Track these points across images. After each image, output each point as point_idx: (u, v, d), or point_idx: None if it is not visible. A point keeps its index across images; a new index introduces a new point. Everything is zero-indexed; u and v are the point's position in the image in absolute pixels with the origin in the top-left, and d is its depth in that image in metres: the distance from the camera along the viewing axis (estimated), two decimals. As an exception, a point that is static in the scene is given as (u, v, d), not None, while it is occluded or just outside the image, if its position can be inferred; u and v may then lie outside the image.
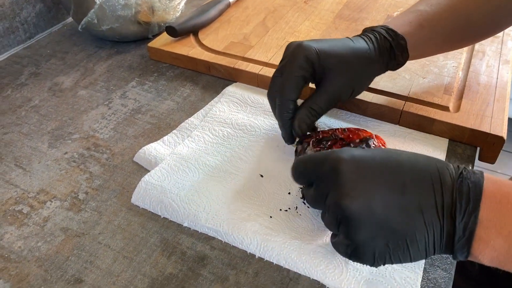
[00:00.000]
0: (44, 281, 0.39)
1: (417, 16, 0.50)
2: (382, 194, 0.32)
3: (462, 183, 0.32)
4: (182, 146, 0.51)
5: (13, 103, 0.61)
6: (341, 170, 0.33)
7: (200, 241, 0.42)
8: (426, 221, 0.32)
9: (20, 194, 0.47)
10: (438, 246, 0.32)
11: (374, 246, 0.32)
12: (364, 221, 0.32)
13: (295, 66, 0.45)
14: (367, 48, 0.47)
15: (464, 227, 0.31)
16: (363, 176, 0.33)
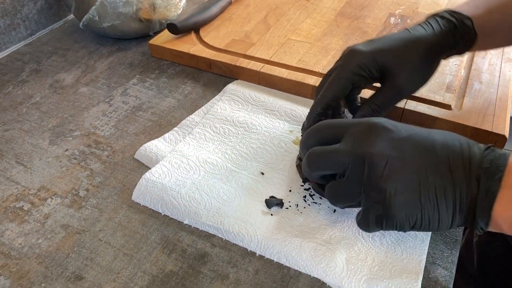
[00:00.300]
0: (45, 278, 0.39)
1: (485, 1, 0.48)
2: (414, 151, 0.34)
3: (489, 153, 0.34)
4: (183, 144, 0.51)
5: (14, 100, 0.60)
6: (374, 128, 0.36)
7: (200, 238, 0.42)
8: (455, 179, 0.33)
9: (20, 191, 0.47)
10: (463, 209, 0.33)
11: (406, 197, 0.33)
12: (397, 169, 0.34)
13: (346, 69, 0.44)
14: (425, 33, 0.45)
15: (487, 189, 0.32)
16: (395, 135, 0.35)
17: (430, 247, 0.41)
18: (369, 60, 0.44)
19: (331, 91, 0.45)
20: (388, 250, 0.40)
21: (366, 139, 0.35)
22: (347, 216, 0.43)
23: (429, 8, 0.75)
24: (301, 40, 0.67)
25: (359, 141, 0.36)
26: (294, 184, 0.46)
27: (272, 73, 0.59)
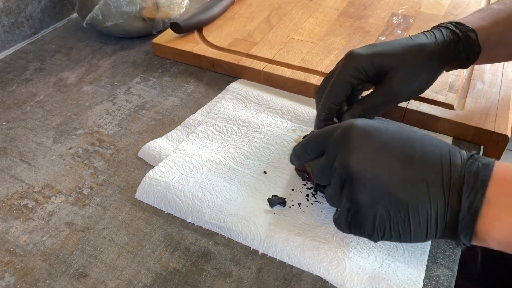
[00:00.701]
0: (49, 275, 0.40)
1: (491, 12, 0.48)
2: (389, 162, 0.33)
3: (472, 163, 0.32)
4: (186, 142, 0.51)
5: (18, 98, 0.61)
6: (351, 134, 0.35)
7: (203, 236, 0.42)
8: (431, 194, 0.32)
9: (25, 188, 0.48)
10: (441, 223, 0.32)
11: (375, 211, 0.33)
12: (368, 181, 0.33)
13: (344, 73, 0.45)
14: (427, 42, 0.45)
15: (470, 204, 0.31)
16: (372, 143, 0.34)
17: (432, 246, 0.41)
18: (367, 63, 0.44)
19: (332, 96, 0.45)
20: (390, 248, 0.40)
21: (343, 150, 0.35)
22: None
23: (431, 8, 0.75)
24: (304, 39, 0.67)
25: (338, 153, 0.35)
26: (296, 183, 0.46)
27: (275, 72, 0.60)
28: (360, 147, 0.34)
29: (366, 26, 0.70)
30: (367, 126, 0.35)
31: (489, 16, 0.47)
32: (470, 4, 0.76)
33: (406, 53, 0.44)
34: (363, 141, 0.34)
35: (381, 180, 0.33)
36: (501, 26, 0.47)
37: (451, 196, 0.32)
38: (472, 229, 0.32)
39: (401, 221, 0.33)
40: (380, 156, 0.33)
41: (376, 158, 0.33)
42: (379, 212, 0.33)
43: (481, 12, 0.49)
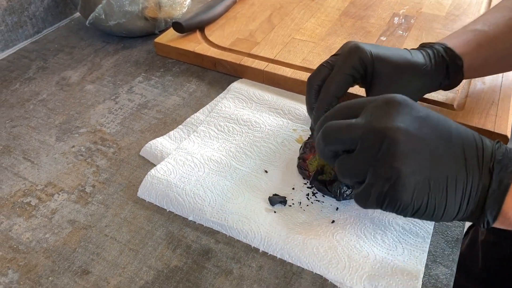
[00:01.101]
0: (52, 272, 0.40)
1: (475, 35, 0.49)
2: (432, 133, 0.33)
3: (500, 146, 0.34)
4: (188, 141, 0.52)
5: (21, 97, 0.61)
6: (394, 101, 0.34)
7: (205, 234, 0.43)
8: (468, 169, 0.33)
9: (28, 186, 0.48)
10: (472, 200, 0.33)
11: (417, 179, 0.32)
12: (413, 148, 0.32)
13: (348, 64, 0.44)
14: (423, 62, 0.46)
15: (501, 180, 0.33)
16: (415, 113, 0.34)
17: (431, 245, 0.41)
18: (369, 59, 0.44)
19: (334, 87, 0.44)
20: (389, 247, 0.41)
21: (384, 113, 0.33)
22: (350, 213, 0.43)
23: (433, 8, 0.75)
24: (305, 39, 0.67)
25: (376, 115, 0.34)
26: (297, 182, 0.47)
27: (276, 72, 0.60)
28: (404, 114, 0.33)
29: (367, 26, 0.70)
30: (406, 99, 0.35)
31: (474, 40, 0.49)
32: (472, 5, 0.76)
33: (404, 66, 0.45)
34: (407, 110, 0.33)
35: (425, 149, 0.33)
36: (485, 49, 0.49)
37: (484, 172, 0.33)
38: (501, 205, 0.33)
39: (439, 194, 0.33)
40: (424, 126, 0.33)
41: (420, 127, 0.33)
42: (420, 182, 0.32)
43: (466, 34, 0.50)
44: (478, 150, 0.34)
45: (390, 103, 0.34)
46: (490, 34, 0.49)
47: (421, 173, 0.32)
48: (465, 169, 0.33)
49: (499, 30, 0.49)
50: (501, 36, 0.49)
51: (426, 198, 0.33)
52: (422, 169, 0.32)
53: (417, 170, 0.32)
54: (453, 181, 0.33)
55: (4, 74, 0.66)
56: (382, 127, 0.32)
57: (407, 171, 0.32)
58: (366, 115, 0.34)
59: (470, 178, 0.33)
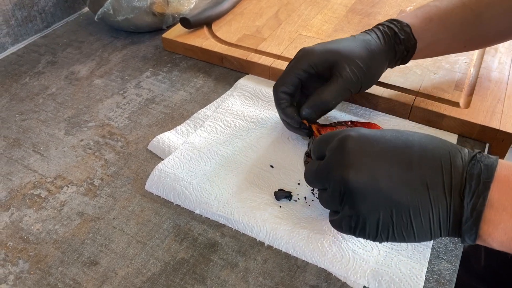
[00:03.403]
0: (61, 262, 0.41)
1: (426, 10, 0.51)
2: (388, 168, 0.33)
3: (474, 165, 0.32)
4: (195, 136, 0.52)
5: (31, 91, 0.62)
6: (347, 145, 0.34)
7: (211, 228, 0.43)
8: (432, 197, 0.32)
9: (38, 178, 0.49)
10: (444, 226, 0.32)
11: (378, 216, 0.33)
12: (368, 191, 0.33)
13: (294, 65, 0.48)
14: (369, 38, 0.49)
15: (472, 208, 0.31)
16: (369, 152, 0.34)
17: (435, 241, 0.42)
18: (318, 58, 0.47)
19: (280, 84, 0.48)
20: (393, 243, 0.41)
21: (338, 159, 0.35)
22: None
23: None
24: (312, 36, 0.68)
25: (332, 160, 0.35)
26: (302, 177, 0.47)
27: (282, 68, 0.60)
28: (356, 159, 0.34)
29: (374, 23, 0.70)
30: (362, 134, 0.35)
31: (423, 13, 0.51)
32: (479, 2, 0.76)
33: (353, 49, 0.48)
34: (359, 151, 0.34)
35: (381, 187, 0.33)
36: (434, 23, 0.50)
37: (453, 199, 0.32)
38: (476, 232, 0.32)
39: (404, 225, 0.33)
40: (378, 164, 0.33)
41: (374, 167, 0.33)
42: (381, 218, 0.33)
43: (417, 10, 0.52)
44: (445, 175, 0.32)
45: (343, 145, 0.35)
46: (442, 8, 0.51)
47: (381, 209, 0.33)
48: (428, 200, 0.32)
49: (451, 5, 0.51)
50: (453, 10, 0.50)
51: (391, 229, 0.33)
52: (381, 206, 0.33)
53: (376, 207, 0.33)
54: (416, 211, 0.32)
55: (14, 68, 0.67)
56: (337, 175, 0.34)
57: (365, 210, 0.33)
58: (328, 157, 0.36)
59: (436, 206, 0.32)
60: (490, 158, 0.32)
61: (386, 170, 0.33)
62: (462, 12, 0.50)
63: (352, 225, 0.35)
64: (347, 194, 0.34)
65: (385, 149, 0.34)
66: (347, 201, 0.34)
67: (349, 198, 0.34)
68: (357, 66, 0.47)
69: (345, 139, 0.35)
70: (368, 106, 0.57)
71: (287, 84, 0.48)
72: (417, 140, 0.34)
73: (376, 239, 0.34)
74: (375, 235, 0.34)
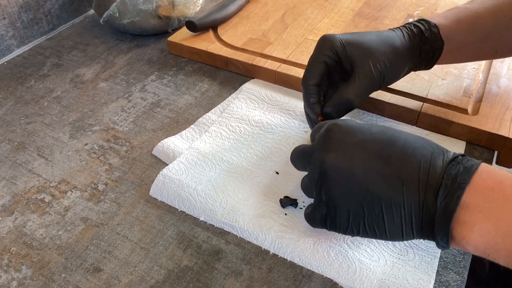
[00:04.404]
0: (65, 269, 0.41)
1: (456, 12, 0.49)
2: (366, 159, 0.34)
3: (453, 166, 0.32)
4: (200, 141, 0.52)
5: (36, 94, 0.62)
6: (332, 131, 0.36)
7: (215, 235, 0.43)
8: (405, 193, 0.32)
9: (42, 183, 0.49)
10: (416, 224, 0.32)
11: (349, 205, 0.34)
12: (343, 176, 0.34)
13: (318, 53, 0.47)
14: (394, 35, 0.47)
15: (445, 207, 0.31)
16: (351, 141, 0.35)
17: (442, 251, 0.41)
18: (341, 46, 0.46)
19: (309, 77, 0.47)
20: (400, 252, 0.40)
21: (322, 143, 0.36)
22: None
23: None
24: (318, 40, 0.67)
25: (318, 144, 0.37)
26: (308, 184, 0.47)
27: (288, 72, 0.60)
28: (337, 144, 0.35)
29: (381, 27, 0.70)
30: (348, 125, 0.36)
31: (453, 15, 0.49)
32: (488, 7, 0.75)
33: (375, 44, 0.46)
34: (342, 138, 0.35)
35: (355, 175, 0.33)
36: (464, 24, 0.48)
37: (427, 197, 0.32)
38: (448, 231, 0.31)
39: (375, 218, 0.33)
40: (356, 153, 0.34)
41: (352, 155, 0.34)
42: (353, 208, 0.34)
43: (447, 11, 0.50)
44: (421, 173, 0.32)
45: (329, 131, 0.36)
46: (473, 10, 0.49)
47: (353, 199, 0.33)
48: (401, 194, 0.32)
49: (483, 8, 0.49)
50: (483, 14, 0.49)
51: (362, 222, 0.34)
52: (354, 195, 0.33)
53: (348, 196, 0.34)
54: (388, 204, 0.32)
55: (19, 70, 0.67)
56: (317, 158, 0.36)
57: (337, 196, 0.34)
58: (315, 142, 0.38)
59: (409, 202, 0.32)
60: (472, 161, 0.32)
61: (364, 160, 0.34)
62: (494, 16, 0.48)
63: (323, 213, 0.35)
64: (323, 177, 0.35)
65: (368, 141, 0.34)
66: (322, 185, 0.35)
67: (325, 181, 0.35)
68: (381, 63, 0.45)
69: (332, 127, 0.36)
70: (375, 112, 0.56)
71: (315, 74, 0.47)
72: (402, 138, 0.34)
73: (348, 232, 0.35)
74: (346, 227, 0.34)
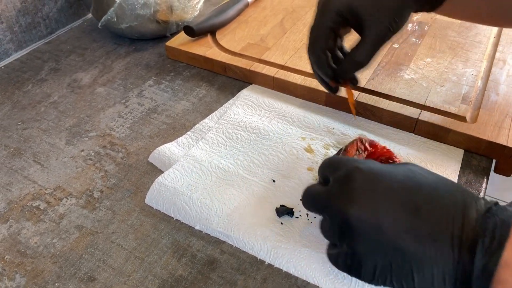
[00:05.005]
0: (58, 278, 0.40)
1: None
2: (393, 210, 0.31)
3: (489, 218, 0.29)
4: (196, 148, 0.52)
5: (33, 99, 0.62)
6: (354, 178, 0.33)
7: (210, 244, 0.43)
8: (438, 252, 0.29)
9: (37, 190, 0.49)
10: (450, 281, 0.30)
11: (376, 261, 0.31)
12: (369, 231, 0.31)
13: (323, 18, 0.45)
14: None
15: (484, 266, 0.28)
16: (376, 189, 0.32)
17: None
18: (345, 7, 0.44)
19: (317, 45, 0.45)
20: None
21: (343, 191, 0.33)
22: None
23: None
24: (317, 45, 0.67)
25: (337, 191, 0.33)
26: (304, 192, 0.46)
27: (286, 78, 0.59)
28: (361, 194, 0.32)
29: (380, 32, 0.70)
30: (371, 170, 0.33)
31: None
32: (488, 12, 0.74)
33: None
34: (366, 187, 0.32)
35: (382, 230, 0.30)
36: None
37: (462, 255, 0.29)
38: None
39: (404, 274, 0.30)
40: (383, 204, 0.31)
41: (378, 207, 0.31)
42: (380, 262, 0.31)
43: None
44: (455, 228, 0.29)
45: (350, 178, 0.33)
46: None
47: (379, 254, 0.31)
48: (433, 252, 0.29)
49: None
50: None
51: (389, 276, 0.31)
52: (380, 250, 0.31)
53: (374, 251, 0.31)
54: (418, 264, 0.30)
55: (17, 74, 0.67)
56: (338, 208, 0.32)
57: (362, 252, 0.31)
58: (331, 186, 0.34)
59: (441, 261, 0.29)
60: (507, 211, 0.30)
61: (391, 212, 0.31)
62: None
63: (348, 263, 0.33)
64: (346, 230, 0.32)
65: (394, 189, 0.32)
66: (346, 237, 0.32)
67: (349, 235, 0.32)
68: (388, 16, 0.44)
69: (353, 171, 0.33)
70: (373, 118, 0.56)
71: (322, 41, 0.45)
72: (430, 184, 0.32)
73: (372, 283, 0.32)
74: (370, 279, 0.32)
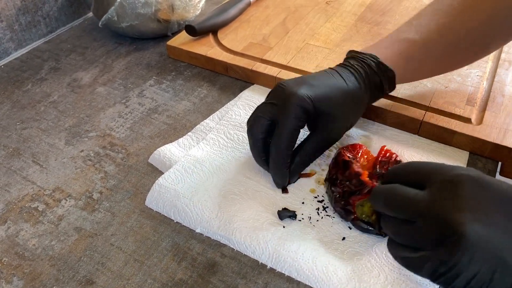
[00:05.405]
0: (56, 281, 0.40)
1: (407, 47, 0.49)
2: (504, 220, 0.29)
3: None
4: (197, 149, 0.51)
5: (33, 98, 0.61)
6: (464, 184, 0.30)
7: (211, 247, 0.42)
8: None
9: (36, 191, 0.48)
10: None
11: (478, 271, 0.29)
12: (477, 241, 0.29)
13: (292, 117, 0.43)
14: (358, 87, 0.46)
15: None
16: (487, 197, 0.30)
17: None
18: (310, 106, 0.43)
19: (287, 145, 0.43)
20: (401, 267, 0.39)
21: (452, 198, 0.30)
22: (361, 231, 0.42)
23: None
24: (320, 45, 0.66)
25: (442, 197, 0.31)
26: (307, 195, 0.46)
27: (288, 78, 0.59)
28: (473, 203, 0.30)
29: (384, 32, 0.69)
30: (481, 177, 0.31)
31: (406, 52, 0.49)
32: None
33: (341, 99, 0.45)
34: (477, 195, 0.30)
35: (492, 240, 0.29)
36: (416, 60, 0.50)
37: None
38: None
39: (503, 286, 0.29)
40: (494, 213, 0.29)
41: (490, 216, 0.29)
42: (481, 273, 0.29)
43: (399, 44, 0.49)
44: None
45: (459, 184, 0.31)
46: (421, 43, 0.49)
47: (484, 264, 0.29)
48: None
49: (431, 38, 0.49)
50: (433, 45, 0.49)
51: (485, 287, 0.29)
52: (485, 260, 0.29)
53: (479, 260, 0.29)
54: None
55: (16, 74, 0.66)
56: (447, 219, 0.30)
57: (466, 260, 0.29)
58: (432, 191, 0.32)
59: None
60: None
61: (502, 221, 0.29)
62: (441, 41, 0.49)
63: (440, 270, 0.30)
64: (451, 238, 0.29)
65: (504, 198, 0.30)
66: (447, 245, 0.29)
67: (453, 243, 0.29)
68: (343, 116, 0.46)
69: (464, 178, 0.31)
70: (376, 120, 0.55)
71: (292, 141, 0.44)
72: None
73: None
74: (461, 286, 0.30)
